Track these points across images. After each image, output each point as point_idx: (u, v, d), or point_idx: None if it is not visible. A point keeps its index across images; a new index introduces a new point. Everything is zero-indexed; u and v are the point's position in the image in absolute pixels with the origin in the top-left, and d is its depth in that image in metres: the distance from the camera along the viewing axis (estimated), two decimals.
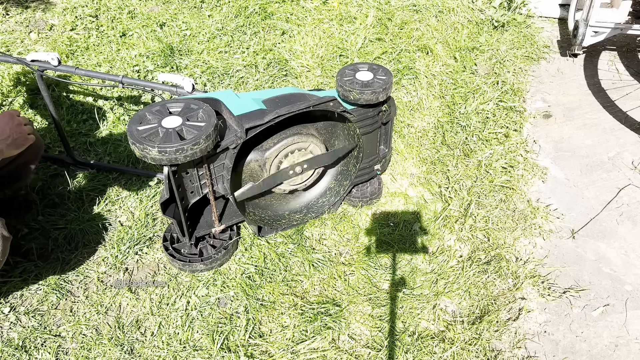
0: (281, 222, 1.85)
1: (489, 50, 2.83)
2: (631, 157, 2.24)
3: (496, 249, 1.82)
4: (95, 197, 1.98)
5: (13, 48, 2.81)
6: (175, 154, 1.34)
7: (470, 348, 1.52)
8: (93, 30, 2.91)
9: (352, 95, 1.63)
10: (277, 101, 1.60)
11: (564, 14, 3.23)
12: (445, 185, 2.07)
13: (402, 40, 2.80)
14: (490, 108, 2.43)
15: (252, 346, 1.53)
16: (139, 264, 1.77)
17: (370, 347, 1.54)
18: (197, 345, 1.53)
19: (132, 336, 1.55)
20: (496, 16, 3.03)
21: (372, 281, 1.72)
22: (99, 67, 2.63)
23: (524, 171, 2.16)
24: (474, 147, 2.23)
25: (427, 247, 1.85)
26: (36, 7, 3.14)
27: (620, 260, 1.81)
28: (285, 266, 1.75)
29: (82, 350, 1.51)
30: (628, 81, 2.70)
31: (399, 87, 2.55)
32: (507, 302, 1.66)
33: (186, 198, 1.57)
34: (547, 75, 2.79)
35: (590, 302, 1.68)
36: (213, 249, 1.74)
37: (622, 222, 1.96)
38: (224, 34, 2.83)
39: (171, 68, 2.61)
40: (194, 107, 1.48)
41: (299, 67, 2.63)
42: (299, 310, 1.62)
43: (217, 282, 1.69)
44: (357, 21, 2.91)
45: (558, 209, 2.01)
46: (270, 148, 1.64)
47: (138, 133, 1.38)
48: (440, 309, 1.64)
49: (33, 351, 1.51)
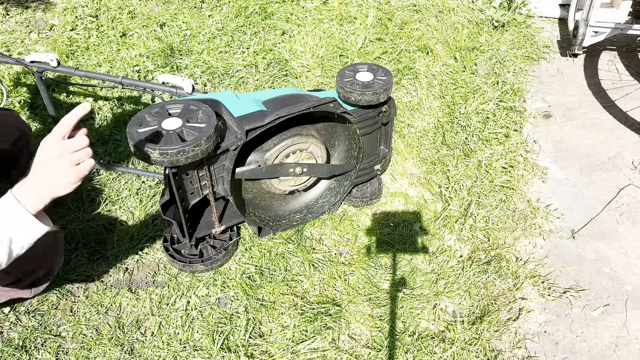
0: (281, 222, 1.85)
1: (489, 50, 2.83)
2: (631, 157, 2.24)
3: (496, 249, 1.82)
4: (95, 197, 1.98)
5: (13, 48, 2.81)
6: (176, 156, 1.34)
7: (470, 348, 1.53)
8: (93, 30, 2.91)
9: (353, 96, 1.63)
10: (277, 102, 1.60)
11: (564, 14, 3.23)
12: (445, 185, 2.07)
13: (402, 40, 2.80)
14: (490, 108, 2.43)
15: (252, 346, 1.53)
16: (139, 264, 1.77)
17: (370, 347, 1.54)
18: (197, 345, 1.53)
19: (132, 336, 1.56)
20: (496, 16, 3.03)
21: (372, 281, 1.73)
22: (99, 67, 2.63)
23: (524, 171, 2.16)
24: (474, 147, 2.23)
25: (427, 247, 1.85)
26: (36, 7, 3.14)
27: (620, 260, 1.82)
28: (285, 266, 1.76)
29: (82, 350, 1.51)
30: (628, 81, 2.70)
31: (399, 87, 2.55)
32: (507, 302, 1.67)
33: (186, 199, 1.57)
34: (547, 75, 2.79)
35: (590, 302, 1.68)
36: (213, 250, 1.74)
37: (622, 222, 1.96)
38: (224, 34, 2.83)
39: (171, 68, 2.61)
40: (193, 108, 1.48)
41: (299, 67, 2.63)
42: (299, 310, 1.62)
43: (217, 282, 1.69)
44: (357, 21, 2.91)
45: (558, 209, 2.01)
46: (271, 149, 1.64)
47: (138, 135, 1.38)
48: (440, 309, 1.64)
49: (33, 351, 1.51)
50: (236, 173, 1.61)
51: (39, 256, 1.49)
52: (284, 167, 1.68)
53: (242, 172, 1.62)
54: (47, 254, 1.53)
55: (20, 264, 1.32)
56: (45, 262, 1.54)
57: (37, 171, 1.12)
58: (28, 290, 1.54)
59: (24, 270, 1.49)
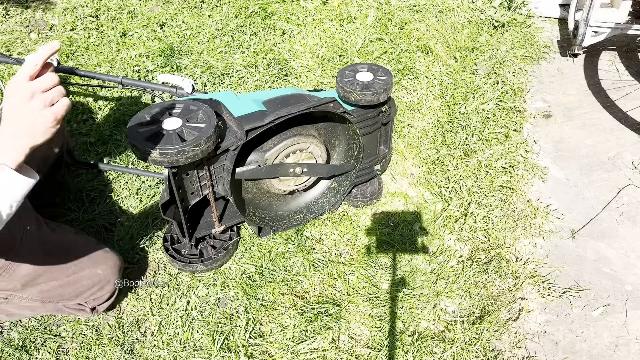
0: (281, 222, 1.85)
1: (489, 50, 2.83)
2: (631, 157, 2.24)
3: (496, 249, 1.82)
4: (95, 197, 1.98)
5: (13, 48, 2.81)
6: (177, 156, 1.34)
7: (470, 348, 1.53)
8: (93, 30, 2.91)
9: (353, 96, 1.63)
10: (277, 102, 1.60)
11: (564, 14, 3.23)
12: (445, 185, 2.07)
13: (402, 40, 2.80)
14: (490, 108, 2.43)
15: (252, 346, 1.53)
16: (139, 264, 1.77)
17: (370, 347, 1.54)
18: (197, 345, 1.53)
19: (132, 336, 1.56)
20: (496, 16, 3.03)
21: (372, 281, 1.73)
22: (99, 67, 2.63)
23: (524, 171, 2.16)
24: (474, 147, 2.23)
25: (427, 247, 1.85)
26: (36, 7, 3.14)
27: (620, 260, 1.82)
28: (285, 266, 1.76)
29: (82, 350, 1.51)
30: (628, 81, 2.70)
31: (399, 87, 2.55)
32: (507, 302, 1.67)
33: (186, 199, 1.57)
34: (547, 75, 2.79)
35: (590, 302, 1.68)
36: (213, 250, 1.74)
37: (622, 222, 1.96)
38: (224, 34, 2.83)
39: (171, 68, 2.61)
40: (193, 108, 1.48)
41: (299, 67, 2.63)
42: (299, 310, 1.62)
43: (217, 282, 1.69)
44: (357, 21, 2.90)
45: (558, 209, 2.01)
46: (271, 149, 1.64)
47: (138, 135, 1.38)
48: (440, 309, 1.64)
49: (33, 351, 1.51)
50: (236, 173, 1.61)
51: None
52: (284, 167, 1.68)
53: (242, 172, 1.62)
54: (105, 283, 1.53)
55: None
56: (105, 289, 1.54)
57: (9, 120, 0.99)
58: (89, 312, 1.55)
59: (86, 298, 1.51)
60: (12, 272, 1.36)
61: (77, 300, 1.49)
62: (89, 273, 1.47)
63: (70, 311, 1.53)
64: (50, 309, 1.53)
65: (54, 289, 1.44)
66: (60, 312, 1.54)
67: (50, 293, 1.45)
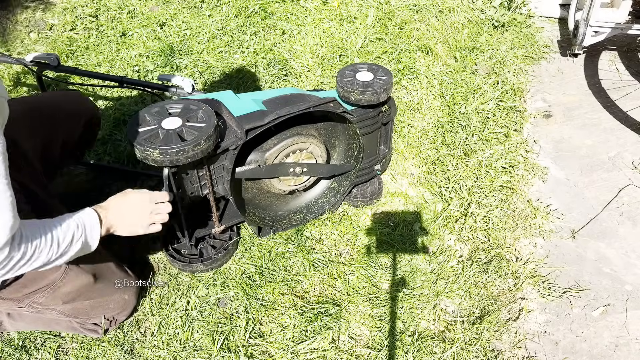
0: (281, 222, 1.85)
1: (489, 50, 2.83)
2: (631, 157, 2.24)
3: (496, 249, 1.82)
4: (95, 197, 1.97)
5: (13, 48, 2.81)
6: (176, 155, 1.34)
7: (470, 348, 1.52)
8: (93, 30, 2.91)
9: (353, 96, 1.63)
10: (277, 102, 1.60)
11: (564, 13, 3.22)
12: (445, 185, 2.07)
13: (402, 40, 2.80)
14: (491, 108, 2.43)
15: (252, 346, 1.53)
16: (138, 264, 1.76)
17: (370, 347, 1.54)
18: (197, 345, 1.53)
19: (132, 336, 1.55)
20: (496, 16, 3.02)
21: (372, 281, 1.73)
22: (99, 67, 2.63)
23: (524, 171, 2.16)
24: (474, 147, 2.23)
25: (427, 247, 1.85)
26: (36, 7, 3.14)
27: (620, 260, 1.82)
28: (285, 266, 1.75)
29: (82, 350, 1.51)
30: (628, 81, 2.70)
31: (399, 87, 2.55)
32: (507, 302, 1.67)
33: (186, 199, 1.57)
34: (547, 75, 2.79)
35: (590, 302, 1.68)
36: (213, 250, 1.74)
37: (623, 222, 1.96)
38: (223, 34, 2.83)
39: (171, 68, 2.61)
40: (193, 107, 1.48)
41: (299, 67, 2.63)
42: (299, 310, 1.62)
43: (217, 282, 1.69)
44: (357, 21, 2.90)
45: (558, 209, 2.01)
46: (271, 149, 1.64)
47: (138, 135, 1.38)
48: (440, 309, 1.64)
49: (33, 351, 1.51)
50: (236, 173, 1.61)
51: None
52: (284, 166, 1.68)
53: (242, 172, 1.62)
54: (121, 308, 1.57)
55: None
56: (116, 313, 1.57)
57: (125, 209, 1.33)
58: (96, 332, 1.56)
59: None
60: (57, 289, 1.38)
61: (97, 319, 1.51)
62: (118, 298, 1.52)
63: (83, 331, 1.53)
64: (64, 327, 1.53)
65: (84, 307, 1.47)
66: (74, 330, 1.54)
67: (80, 311, 1.47)
